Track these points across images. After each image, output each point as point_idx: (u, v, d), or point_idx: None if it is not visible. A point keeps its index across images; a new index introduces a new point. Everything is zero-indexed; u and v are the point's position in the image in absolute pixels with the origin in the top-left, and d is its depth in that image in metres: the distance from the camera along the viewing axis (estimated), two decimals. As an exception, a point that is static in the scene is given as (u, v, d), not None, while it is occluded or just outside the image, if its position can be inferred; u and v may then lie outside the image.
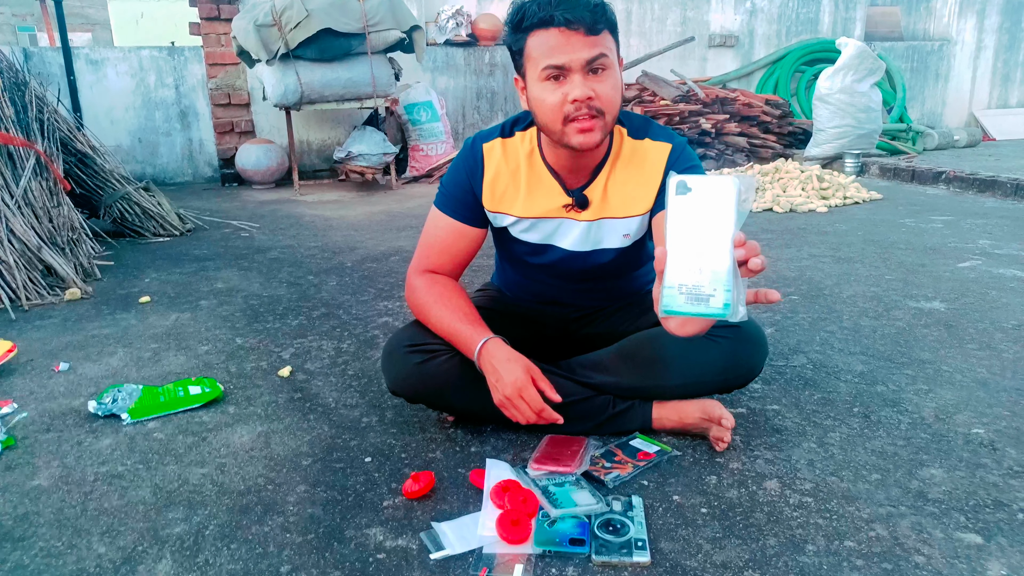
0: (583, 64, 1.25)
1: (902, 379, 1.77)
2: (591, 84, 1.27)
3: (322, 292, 2.62)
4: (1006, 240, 3.21)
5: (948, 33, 7.29)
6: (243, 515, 1.25)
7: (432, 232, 1.51)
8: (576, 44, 1.25)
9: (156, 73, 5.44)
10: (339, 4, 4.48)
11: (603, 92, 1.28)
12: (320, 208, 4.49)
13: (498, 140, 1.46)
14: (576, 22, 1.23)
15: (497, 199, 1.46)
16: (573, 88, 1.26)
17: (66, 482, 1.37)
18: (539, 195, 1.45)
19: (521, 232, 1.50)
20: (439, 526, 1.19)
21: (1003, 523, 1.19)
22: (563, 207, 1.44)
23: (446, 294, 1.45)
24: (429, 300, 1.45)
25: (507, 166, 1.45)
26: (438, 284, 1.47)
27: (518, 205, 1.45)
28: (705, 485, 1.32)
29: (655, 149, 1.43)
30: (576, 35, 1.24)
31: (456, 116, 6.04)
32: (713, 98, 5.71)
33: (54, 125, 3.46)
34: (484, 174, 1.45)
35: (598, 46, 1.26)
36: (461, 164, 1.48)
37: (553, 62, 1.26)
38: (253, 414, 1.65)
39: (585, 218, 1.45)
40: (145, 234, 3.62)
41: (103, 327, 2.29)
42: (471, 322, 1.40)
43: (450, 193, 1.49)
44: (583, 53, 1.25)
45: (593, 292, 1.62)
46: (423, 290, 1.47)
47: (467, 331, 1.39)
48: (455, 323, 1.41)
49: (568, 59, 1.25)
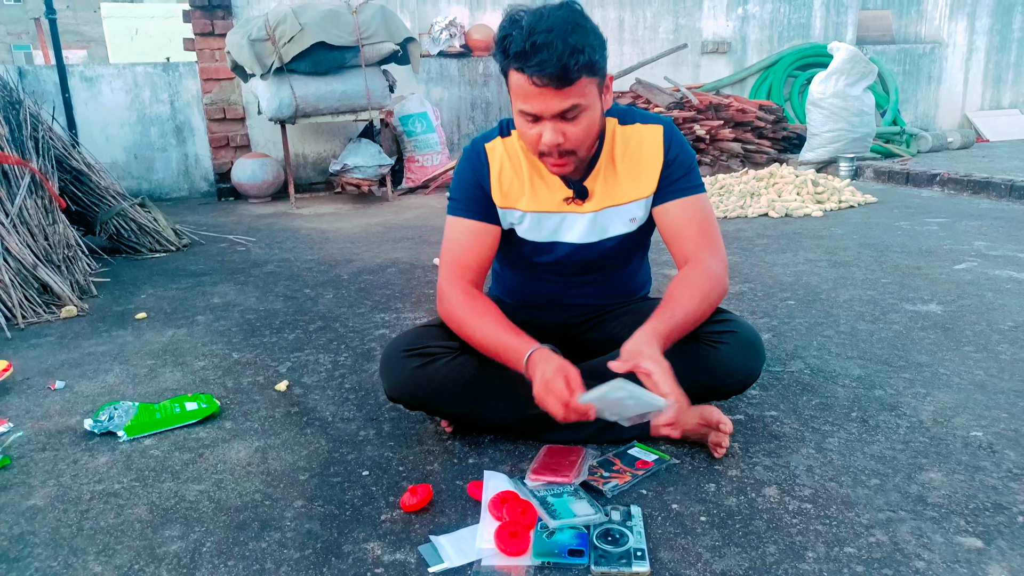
0: (553, 115, 1.29)
1: (900, 383, 1.77)
2: (562, 128, 1.31)
3: (319, 305, 2.62)
4: (1001, 241, 3.22)
5: (940, 36, 7.33)
6: (240, 531, 1.25)
7: (453, 239, 1.51)
8: (547, 96, 1.27)
9: (151, 89, 5.45)
10: (332, 17, 4.50)
11: (574, 135, 1.32)
12: (316, 221, 4.49)
13: (498, 139, 1.50)
14: (545, 78, 1.24)
15: (504, 194, 1.48)
16: (545, 132, 1.31)
17: (62, 501, 1.37)
18: (542, 189, 1.48)
19: (527, 231, 1.52)
20: (437, 539, 1.18)
21: (1003, 526, 1.19)
22: (564, 200, 1.48)
23: (483, 308, 1.42)
24: (468, 314, 1.42)
25: (510, 162, 1.48)
26: (474, 298, 1.44)
27: (524, 200, 1.48)
28: (704, 493, 1.31)
29: (649, 131, 1.48)
30: (547, 89, 1.26)
31: (451, 127, 6.05)
32: (707, 104, 5.73)
33: (49, 143, 3.47)
34: (490, 171, 1.48)
35: (570, 97, 1.27)
36: (467, 166, 1.51)
37: (525, 109, 1.30)
38: (250, 429, 1.65)
39: (588, 209, 1.48)
40: (141, 250, 3.61)
41: (99, 344, 2.28)
42: (517, 333, 1.37)
43: (461, 196, 1.50)
44: (553, 105, 1.28)
45: (595, 286, 1.64)
46: (459, 305, 1.44)
47: (514, 343, 1.35)
48: (501, 336, 1.37)
49: (539, 110, 1.29)
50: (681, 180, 1.47)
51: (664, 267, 2.95)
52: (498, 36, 1.31)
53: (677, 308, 1.35)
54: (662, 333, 1.29)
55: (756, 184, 4.58)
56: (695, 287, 1.39)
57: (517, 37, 1.24)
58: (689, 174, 1.48)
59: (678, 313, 1.34)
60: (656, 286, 2.44)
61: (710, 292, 1.40)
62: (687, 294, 1.38)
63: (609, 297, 1.66)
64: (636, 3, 6.31)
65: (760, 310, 2.37)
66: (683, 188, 1.47)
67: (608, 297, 1.66)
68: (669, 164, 1.47)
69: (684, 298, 1.37)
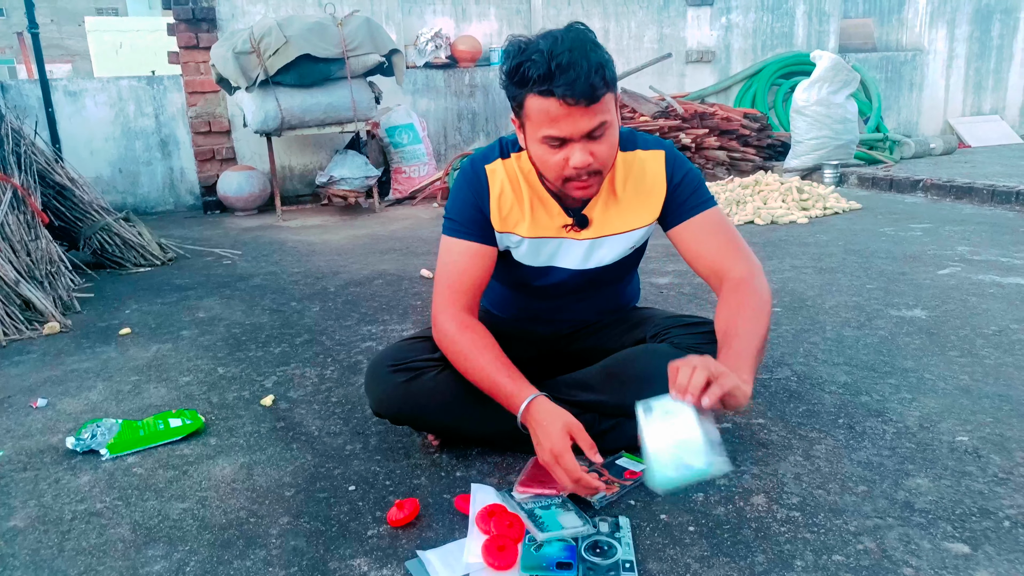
0: (583, 134, 1.26)
1: (886, 388, 1.77)
2: (591, 148, 1.27)
3: (305, 318, 2.61)
4: (984, 246, 3.25)
5: (920, 43, 7.41)
6: (225, 550, 1.23)
7: (448, 261, 1.46)
8: (577, 116, 1.23)
9: (135, 103, 5.43)
10: (317, 30, 4.50)
11: (601, 153, 1.29)
12: (303, 233, 4.47)
13: (499, 161, 1.46)
14: (576, 97, 1.21)
15: (504, 219, 1.45)
16: (574, 155, 1.27)
17: (43, 522, 1.35)
18: (541, 215, 1.45)
19: (523, 256, 1.49)
20: (424, 554, 1.17)
21: (990, 531, 1.19)
22: (563, 227, 1.45)
23: (480, 342, 1.37)
24: (464, 347, 1.37)
25: (511, 186, 1.44)
26: (469, 329, 1.39)
27: (524, 225, 1.45)
28: (692, 503, 1.31)
29: (651, 158, 1.45)
30: (577, 108, 1.22)
31: (438, 138, 6.05)
32: (692, 113, 5.76)
33: (31, 158, 3.44)
34: (490, 194, 1.44)
35: (599, 115, 1.25)
36: (465, 187, 1.46)
37: (553, 133, 1.26)
38: (235, 445, 1.63)
39: (585, 236, 1.46)
40: (126, 265, 3.59)
41: (82, 361, 2.26)
42: (512, 377, 1.32)
43: (459, 217, 1.46)
44: (583, 124, 1.24)
45: (587, 302, 1.63)
46: (455, 336, 1.38)
47: (510, 387, 1.30)
48: (496, 376, 1.32)
49: (569, 132, 1.25)
50: (691, 198, 1.45)
51: (651, 275, 2.96)
52: (508, 66, 1.27)
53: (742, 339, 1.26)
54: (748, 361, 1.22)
55: (742, 192, 4.60)
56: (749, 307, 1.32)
57: (538, 61, 1.21)
58: (697, 191, 1.46)
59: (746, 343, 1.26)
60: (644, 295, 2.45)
61: (762, 306, 1.34)
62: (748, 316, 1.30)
63: (601, 310, 1.66)
64: (621, 13, 6.35)
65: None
66: (695, 205, 1.45)
67: (600, 311, 1.66)
68: (675, 188, 1.45)
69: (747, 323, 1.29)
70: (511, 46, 1.28)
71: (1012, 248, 3.18)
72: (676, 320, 1.54)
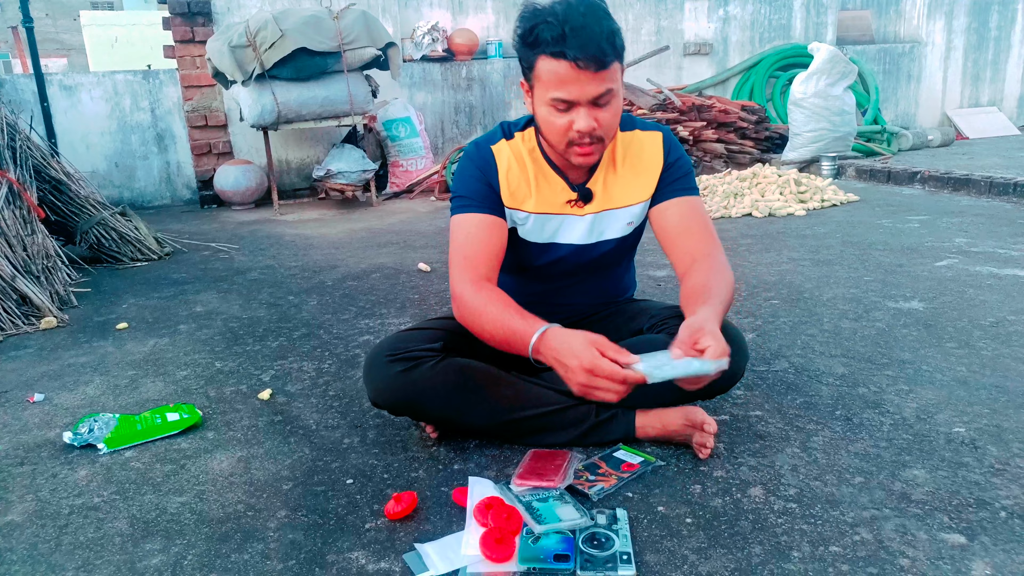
0: (590, 99, 1.30)
1: (883, 380, 1.78)
2: (595, 114, 1.32)
3: (303, 312, 2.60)
4: (981, 238, 3.25)
5: (918, 35, 7.40)
6: (222, 544, 1.23)
7: (462, 235, 1.45)
8: (585, 81, 1.28)
9: (131, 97, 5.41)
10: (313, 23, 4.48)
11: (605, 120, 1.34)
12: (300, 227, 4.46)
13: (503, 142, 1.50)
14: (587, 60, 1.25)
15: (512, 195, 1.48)
16: (579, 119, 1.32)
17: (40, 516, 1.34)
18: (546, 191, 1.49)
19: (528, 232, 1.52)
20: (422, 547, 1.17)
21: (986, 522, 1.19)
22: (567, 202, 1.49)
23: (491, 295, 1.37)
24: (478, 305, 1.36)
25: (516, 164, 1.48)
26: (483, 289, 1.38)
27: (530, 201, 1.48)
28: (690, 495, 1.31)
29: (649, 138, 1.51)
30: (586, 72, 1.27)
31: (435, 131, 6.04)
32: (690, 106, 5.75)
33: (27, 152, 3.43)
34: (498, 172, 1.47)
35: (606, 81, 1.29)
36: (471, 166, 1.49)
37: (561, 95, 1.30)
38: (233, 439, 1.63)
39: (588, 211, 1.50)
40: (123, 259, 3.58)
41: (79, 355, 2.25)
42: (524, 316, 1.31)
43: (469, 193, 1.47)
44: (591, 89, 1.29)
45: (585, 286, 1.64)
46: (470, 297, 1.38)
47: (520, 324, 1.29)
48: (508, 320, 1.31)
49: (576, 95, 1.29)
50: (680, 181, 1.51)
51: (648, 268, 2.95)
52: (522, 28, 1.31)
53: (717, 297, 1.33)
54: (719, 315, 1.29)
55: (739, 184, 4.60)
56: (723, 277, 1.39)
57: (552, 23, 1.25)
58: (687, 177, 1.52)
59: (720, 301, 1.32)
60: (641, 287, 2.45)
61: (732, 283, 1.42)
62: (721, 283, 1.37)
63: (599, 298, 1.68)
64: (618, 5, 6.33)
65: (744, 309, 2.37)
66: (682, 189, 1.50)
67: (598, 297, 1.68)
68: (669, 167, 1.50)
69: (721, 287, 1.36)
70: (525, 10, 1.32)
71: (1009, 240, 3.18)
72: (673, 311, 1.55)
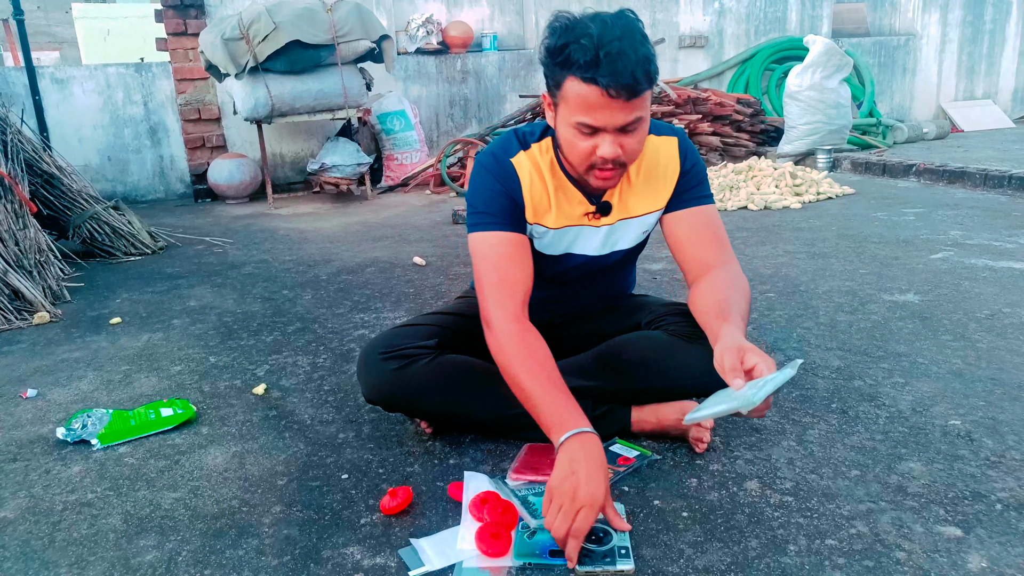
0: (617, 127, 1.23)
1: (879, 373, 1.78)
2: (621, 140, 1.25)
3: (297, 306, 2.59)
4: (977, 230, 3.25)
5: (913, 27, 7.39)
6: (217, 539, 1.22)
7: (492, 255, 1.37)
8: (614, 109, 1.20)
9: (124, 90, 5.37)
10: (307, 16, 4.45)
11: (630, 147, 1.27)
12: (295, 221, 4.45)
13: (522, 153, 1.42)
14: (619, 89, 1.17)
15: (535, 211, 1.42)
16: (603, 145, 1.25)
17: (33, 513, 1.34)
18: (564, 205, 1.43)
19: (544, 246, 1.48)
20: (417, 542, 1.17)
21: (982, 514, 1.19)
22: (584, 215, 1.44)
23: (534, 347, 1.28)
24: (520, 353, 1.27)
25: (537, 178, 1.41)
26: (527, 332, 1.30)
27: (551, 216, 1.43)
28: (686, 489, 1.31)
29: (665, 145, 1.45)
30: (617, 101, 1.19)
31: (430, 124, 6.02)
32: (685, 99, 5.74)
33: (18, 146, 3.40)
34: (522, 187, 1.40)
35: (636, 110, 1.22)
36: (491, 179, 1.40)
37: (588, 122, 1.23)
38: (227, 434, 1.62)
39: (604, 223, 1.45)
40: (116, 254, 3.56)
41: (72, 351, 2.24)
42: (567, 400, 1.21)
43: (492, 210, 1.39)
44: (619, 117, 1.22)
45: (589, 290, 1.62)
46: (511, 339, 1.28)
47: (561, 410, 1.19)
48: (548, 393, 1.22)
49: (604, 123, 1.23)
50: (695, 189, 1.46)
51: (644, 261, 2.95)
52: (553, 44, 1.23)
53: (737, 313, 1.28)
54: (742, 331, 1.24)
55: (735, 177, 4.59)
56: (739, 290, 1.34)
57: (586, 45, 1.16)
58: (702, 184, 1.47)
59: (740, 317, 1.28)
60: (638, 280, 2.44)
61: (748, 293, 1.37)
62: (739, 296, 1.32)
63: (600, 298, 1.66)
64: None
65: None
66: (698, 197, 1.46)
67: (600, 298, 1.66)
68: (685, 174, 1.45)
69: (739, 301, 1.31)
70: (557, 22, 1.24)
71: (1005, 232, 3.18)
72: (671, 308, 1.54)
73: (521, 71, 6.18)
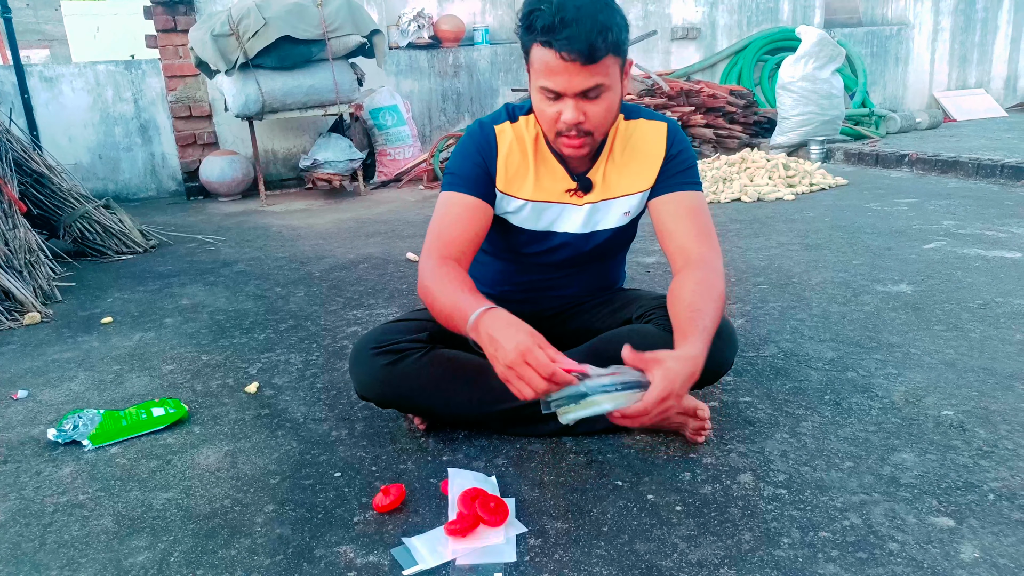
0: (577, 92, 1.27)
1: (872, 364, 1.78)
2: (584, 107, 1.29)
3: (290, 304, 2.58)
4: (969, 220, 3.26)
5: (906, 17, 7.39)
6: (209, 539, 1.22)
7: (444, 214, 1.43)
8: (572, 73, 1.25)
9: (114, 88, 5.33)
10: (297, 11, 4.43)
11: (594, 115, 1.31)
12: (287, 218, 4.43)
13: (507, 123, 1.46)
14: (573, 53, 1.22)
15: (509, 180, 1.45)
16: (565, 110, 1.29)
17: (24, 515, 1.33)
18: (546, 178, 1.46)
19: (523, 220, 1.49)
20: (410, 541, 1.17)
21: (975, 504, 1.19)
22: (567, 191, 1.46)
23: (449, 274, 1.33)
24: (435, 282, 1.33)
25: (518, 148, 1.45)
26: (444, 266, 1.35)
27: (527, 188, 1.46)
28: (679, 482, 1.31)
29: (653, 128, 1.47)
30: (573, 65, 1.24)
31: (422, 119, 5.99)
32: (678, 91, 5.73)
33: (7, 146, 3.38)
34: (498, 154, 1.45)
35: (595, 76, 1.26)
36: (472, 146, 1.45)
37: (548, 85, 1.28)
38: (219, 433, 1.61)
39: (587, 201, 1.47)
40: (107, 253, 3.54)
41: (64, 351, 2.23)
42: (475, 295, 1.27)
43: (462, 173, 1.44)
44: (578, 82, 1.26)
45: (578, 277, 1.63)
46: (429, 273, 1.34)
47: (466, 301, 1.25)
48: (456, 296, 1.27)
49: (563, 87, 1.27)
50: (681, 175, 1.47)
51: (637, 255, 2.95)
52: (524, 11, 1.29)
53: (707, 318, 1.28)
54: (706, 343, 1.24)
55: (728, 169, 4.59)
56: (711, 294, 1.33)
57: (546, 11, 1.23)
58: (689, 171, 1.48)
59: (706, 327, 1.27)
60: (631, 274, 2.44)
61: (723, 294, 1.36)
62: (709, 302, 1.31)
63: (590, 289, 1.66)
64: (605, -10, 6.28)
65: (734, 295, 2.37)
66: (683, 183, 1.46)
67: (589, 289, 1.66)
68: (671, 159, 1.46)
69: (708, 307, 1.30)
70: None
71: (997, 221, 3.19)
72: (661, 301, 1.53)
73: (513, 65, 6.15)
